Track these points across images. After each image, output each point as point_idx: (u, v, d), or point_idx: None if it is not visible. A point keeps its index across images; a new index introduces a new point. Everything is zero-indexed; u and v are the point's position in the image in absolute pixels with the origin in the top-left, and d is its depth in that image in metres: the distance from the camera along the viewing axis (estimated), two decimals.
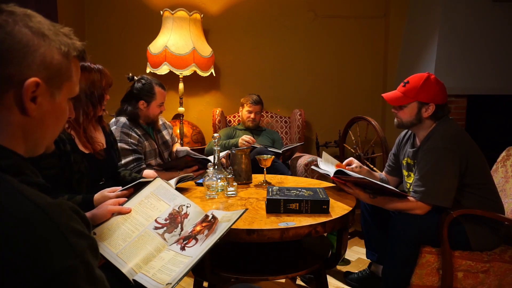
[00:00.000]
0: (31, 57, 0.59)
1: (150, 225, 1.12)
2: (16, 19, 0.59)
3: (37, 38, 0.60)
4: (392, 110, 1.81)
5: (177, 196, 1.23)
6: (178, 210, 1.18)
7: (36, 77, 0.59)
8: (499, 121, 3.46)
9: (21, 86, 0.58)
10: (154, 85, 2.23)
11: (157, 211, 1.17)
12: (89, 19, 3.33)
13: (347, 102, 3.67)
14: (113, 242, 1.07)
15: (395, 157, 1.99)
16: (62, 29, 0.64)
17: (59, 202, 0.54)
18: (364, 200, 1.70)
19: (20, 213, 0.49)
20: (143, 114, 2.24)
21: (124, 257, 1.02)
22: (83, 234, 0.53)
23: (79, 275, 0.50)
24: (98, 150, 1.63)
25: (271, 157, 1.96)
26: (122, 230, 1.10)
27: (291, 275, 1.58)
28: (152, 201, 1.20)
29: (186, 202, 1.21)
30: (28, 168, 0.60)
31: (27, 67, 0.59)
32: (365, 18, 3.60)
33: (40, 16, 0.62)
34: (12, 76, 0.58)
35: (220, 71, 3.52)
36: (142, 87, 2.21)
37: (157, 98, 2.22)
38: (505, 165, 1.94)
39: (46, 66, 0.61)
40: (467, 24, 3.21)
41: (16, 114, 0.60)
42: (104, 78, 1.64)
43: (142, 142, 2.21)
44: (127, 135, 2.13)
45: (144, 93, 2.20)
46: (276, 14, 3.52)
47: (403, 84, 1.75)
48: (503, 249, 1.67)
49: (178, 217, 1.16)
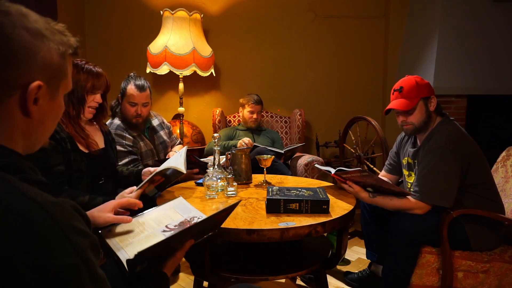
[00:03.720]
0: (32, 60, 0.59)
1: (160, 229, 1.14)
2: (13, 20, 0.58)
3: (37, 40, 0.60)
4: (400, 120, 1.76)
5: (193, 210, 1.26)
6: (189, 220, 1.19)
7: (38, 80, 0.59)
8: (499, 121, 3.47)
9: (24, 90, 0.58)
10: (130, 82, 2.16)
11: (169, 219, 1.20)
12: (89, 19, 3.33)
13: (347, 102, 3.68)
14: (123, 237, 1.10)
15: (396, 155, 1.99)
16: (56, 26, 0.64)
17: (61, 201, 0.54)
18: (364, 199, 1.70)
19: (21, 212, 0.49)
20: (121, 111, 2.20)
21: (128, 250, 1.04)
22: (84, 233, 0.53)
23: (80, 274, 0.50)
24: (93, 149, 1.62)
25: (271, 157, 1.96)
26: (133, 232, 1.13)
27: (291, 275, 1.58)
28: (168, 213, 1.24)
29: (199, 214, 1.22)
30: (27, 166, 0.60)
31: (29, 70, 0.59)
32: (365, 18, 3.60)
33: (34, 14, 0.61)
34: (15, 80, 0.58)
35: (220, 71, 3.52)
36: (124, 80, 2.20)
37: (127, 95, 2.15)
38: (505, 165, 1.94)
39: (46, 68, 0.61)
40: (467, 24, 3.21)
41: (18, 116, 0.60)
42: (91, 80, 1.59)
43: (137, 143, 2.19)
44: (121, 137, 2.12)
45: (121, 89, 2.19)
46: (276, 14, 3.52)
47: (399, 91, 1.74)
48: (503, 249, 1.67)
49: (187, 225, 1.17)
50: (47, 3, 2.42)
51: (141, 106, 2.16)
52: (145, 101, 2.18)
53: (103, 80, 1.64)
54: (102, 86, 1.64)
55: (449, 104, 3.22)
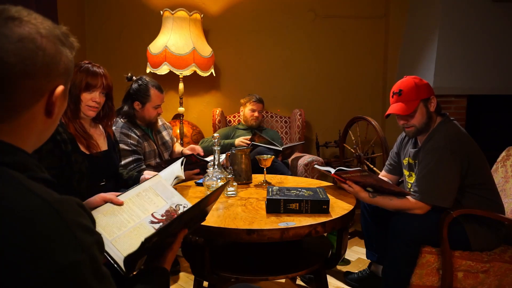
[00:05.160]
0: (57, 67, 0.62)
1: (146, 218, 1.12)
2: (39, 30, 0.59)
3: (58, 48, 0.62)
4: (401, 122, 1.76)
5: (175, 195, 1.23)
6: (175, 208, 1.18)
7: (62, 85, 0.63)
8: (499, 121, 3.47)
9: (51, 94, 0.61)
10: (151, 86, 2.20)
11: (154, 206, 1.17)
12: (89, 19, 3.33)
13: (347, 102, 3.68)
14: (108, 228, 1.07)
15: (397, 155, 1.99)
16: (63, 30, 0.65)
17: (67, 198, 0.55)
18: (364, 199, 1.70)
19: (28, 208, 0.50)
20: (139, 115, 2.23)
21: (117, 245, 1.02)
22: (90, 230, 0.55)
23: (86, 270, 0.51)
24: (94, 151, 1.62)
25: (271, 157, 1.96)
26: (118, 218, 1.10)
27: (291, 275, 1.58)
28: (149, 195, 1.20)
29: (184, 202, 1.21)
30: (33, 163, 0.61)
31: (55, 77, 0.61)
32: (365, 18, 3.60)
33: (46, 21, 0.62)
34: (44, 87, 0.60)
35: (220, 71, 3.52)
36: (138, 88, 2.19)
37: (152, 100, 2.19)
38: (505, 165, 1.94)
39: (66, 72, 0.64)
40: (467, 24, 3.21)
41: (42, 118, 0.62)
42: (85, 79, 1.58)
43: (142, 143, 2.20)
44: (127, 135, 2.12)
45: (139, 94, 2.19)
46: (276, 14, 3.52)
47: (398, 94, 1.74)
48: (503, 249, 1.67)
49: (175, 215, 1.15)
50: (47, 3, 2.42)
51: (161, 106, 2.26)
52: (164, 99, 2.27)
53: (99, 79, 1.61)
54: (98, 86, 1.61)
55: (449, 104, 3.22)
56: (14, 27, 0.57)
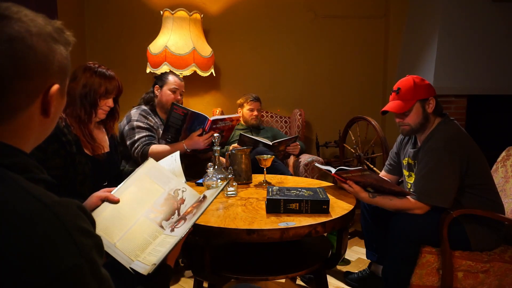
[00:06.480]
0: (51, 66, 0.60)
1: (146, 212, 1.10)
2: (29, 29, 0.58)
3: (51, 46, 0.61)
4: (397, 120, 1.78)
5: (171, 179, 1.19)
6: (173, 195, 1.15)
7: (57, 83, 0.61)
8: (499, 121, 3.46)
9: (46, 94, 0.60)
10: (169, 72, 2.44)
11: (151, 196, 1.14)
12: (89, 19, 3.33)
13: (347, 102, 3.67)
14: (109, 231, 1.04)
15: (396, 155, 1.99)
16: (56, 25, 0.64)
17: (66, 201, 0.54)
18: (364, 199, 1.70)
19: (26, 211, 0.49)
20: (158, 100, 2.36)
21: (122, 247, 1.01)
22: (89, 233, 0.54)
23: (85, 274, 0.50)
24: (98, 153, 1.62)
25: (271, 157, 1.96)
26: (117, 218, 1.07)
27: (291, 275, 1.58)
28: (146, 185, 1.16)
29: (181, 186, 1.17)
30: (33, 165, 0.60)
31: (50, 76, 0.60)
32: (365, 18, 3.60)
33: (40, 17, 0.61)
34: (39, 87, 0.59)
35: (220, 71, 3.52)
36: (160, 75, 2.44)
37: (169, 82, 2.36)
38: (505, 165, 1.94)
39: (60, 70, 0.63)
40: (467, 24, 3.21)
41: (38, 118, 0.61)
42: (104, 84, 1.60)
43: (157, 129, 2.31)
44: (145, 117, 2.26)
45: (159, 78, 2.40)
46: (276, 14, 3.52)
47: (396, 92, 1.75)
48: (503, 249, 1.67)
49: (175, 203, 1.14)
50: (47, 3, 2.42)
51: (179, 93, 2.38)
52: (183, 89, 2.44)
53: (115, 83, 1.65)
54: (114, 90, 1.65)
55: (449, 104, 3.22)
56: (3, 27, 0.55)
